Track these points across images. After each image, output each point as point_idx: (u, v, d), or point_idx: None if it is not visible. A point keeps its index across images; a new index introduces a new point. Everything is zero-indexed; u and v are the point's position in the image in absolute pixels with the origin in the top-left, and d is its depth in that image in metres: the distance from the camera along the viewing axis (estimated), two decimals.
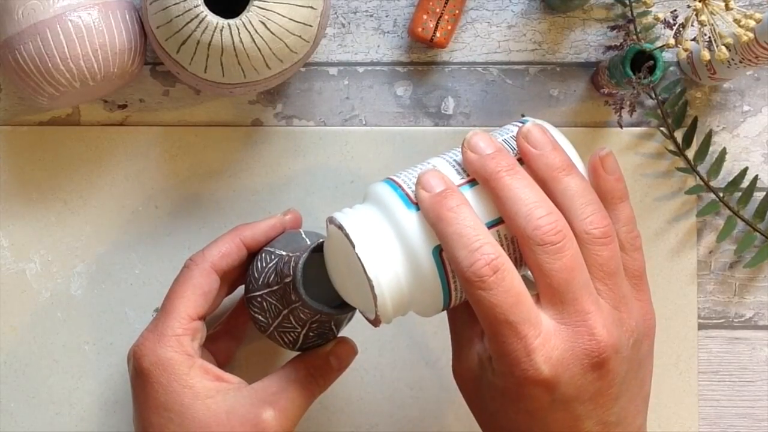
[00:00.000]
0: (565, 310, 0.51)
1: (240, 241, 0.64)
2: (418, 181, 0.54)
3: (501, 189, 0.53)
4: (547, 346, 0.51)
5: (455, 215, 0.52)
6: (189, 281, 0.62)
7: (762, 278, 0.74)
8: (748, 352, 0.74)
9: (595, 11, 0.74)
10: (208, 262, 0.63)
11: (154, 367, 0.60)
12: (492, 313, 0.50)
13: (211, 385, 0.60)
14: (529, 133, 0.55)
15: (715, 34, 0.60)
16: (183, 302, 0.61)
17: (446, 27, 0.72)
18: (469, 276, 0.50)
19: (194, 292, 0.62)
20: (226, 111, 0.73)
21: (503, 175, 0.53)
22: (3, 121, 0.73)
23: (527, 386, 0.51)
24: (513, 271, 0.51)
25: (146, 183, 0.73)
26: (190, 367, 0.60)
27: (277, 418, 0.59)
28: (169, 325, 0.61)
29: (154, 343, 0.60)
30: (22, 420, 0.73)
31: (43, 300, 0.73)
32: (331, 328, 0.63)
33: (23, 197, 0.73)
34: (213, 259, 0.63)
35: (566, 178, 0.54)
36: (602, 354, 0.51)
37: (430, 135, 0.73)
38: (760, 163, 0.74)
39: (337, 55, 0.74)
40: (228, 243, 0.64)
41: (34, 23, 0.64)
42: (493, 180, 0.53)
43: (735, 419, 0.74)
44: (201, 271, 0.63)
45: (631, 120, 0.72)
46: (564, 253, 0.51)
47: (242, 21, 0.61)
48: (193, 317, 0.61)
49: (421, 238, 0.54)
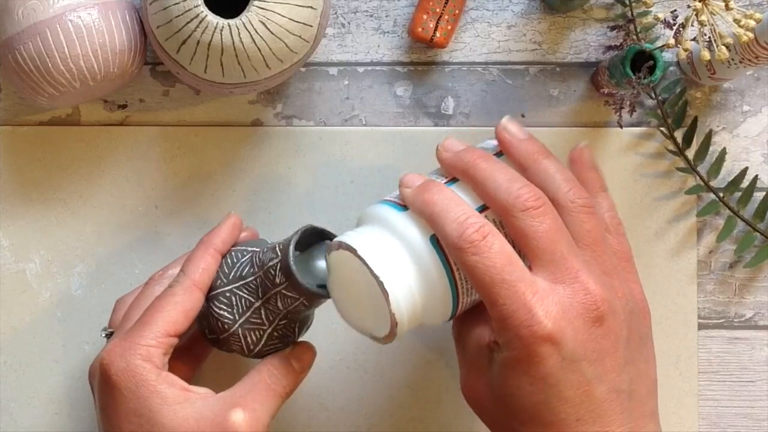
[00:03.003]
0: (557, 269, 0.53)
1: (215, 251, 0.63)
2: (401, 182, 0.57)
3: (479, 173, 0.56)
4: (546, 301, 0.52)
5: (438, 196, 0.55)
6: (172, 297, 0.60)
7: (762, 278, 0.74)
8: (748, 352, 0.74)
9: (595, 11, 0.74)
10: (190, 279, 0.61)
11: (123, 373, 0.58)
12: (487, 276, 0.52)
13: (179, 393, 0.59)
14: (508, 124, 0.60)
15: (715, 34, 0.60)
16: (162, 316, 0.60)
17: (446, 27, 0.72)
18: (461, 244, 0.53)
19: (175, 308, 0.60)
20: (226, 111, 0.73)
21: (479, 161, 0.57)
22: (3, 121, 0.73)
23: (535, 345, 0.52)
24: (501, 236, 0.54)
25: (146, 183, 0.73)
26: (156, 378, 0.59)
27: (247, 420, 0.58)
28: (143, 335, 0.59)
29: (124, 350, 0.59)
30: (22, 420, 0.73)
31: (43, 300, 0.73)
32: (294, 330, 0.62)
33: (23, 197, 0.73)
34: (194, 275, 0.61)
35: (545, 160, 0.58)
36: (600, 307, 0.53)
37: (430, 135, 0.73)
38: (760, 163, 0.74)
39: (337, 55, 0.74)
40: (205, 256, 0.62)
41: (34, 23, 0.64)
42: (471, 168, 0.57)
43: (735, 419, 0.74)
44: (184, 288, 0.61)
45: (631, 120, 0.72)
46: (547, 216, 0.54)
47: (242, 21, 0.61)
48: (170, 333, 0.60)
49: (416, 231, 0.56)
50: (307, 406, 0.73)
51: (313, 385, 0.73)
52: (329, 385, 0.73)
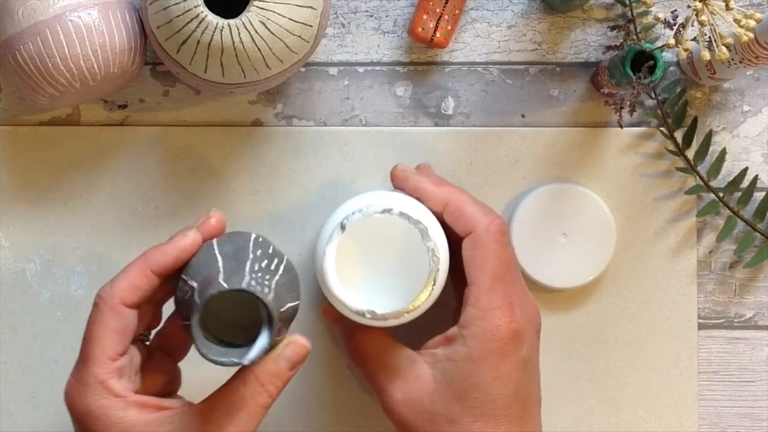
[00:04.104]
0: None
1: (148, 270, 0.59)
2: (400, 176, 0.67)
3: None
4: (518, 307, 0.62)
5: (459, 192, 0.66)
6: (100, 322, 0.58)
7: (762, 278, 0.74)
8: (748, 352, 0.74)
9: (595, 11, 0.74)
10: (116, 298, 0.58)
11: (87, 418, 0.57)
12: (503, 268, 0.62)
13: (152, 418, 0.57)
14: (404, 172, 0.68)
15: (715, 34, 0.60)
16: (98, 346, 0.57)
17: (446, 27, 0.72)
18: (493, 229, 0.63)
19: (107, 333, 0.58)
20: (226, 111, 0.73)
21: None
22: (3, 121, 0.73)
23: (506, 339, 0.61)
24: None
25: (146, 183, 0.73)
26: (124, 408, 0.57)
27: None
28: (91, 373, 0.57)
29: (81, 393, 0.57)
30: (22, 420, 0.73)
31: (43, 300, 0.73)
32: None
33: (23, 197, 0.73)
34: (121, 294, 0.58)
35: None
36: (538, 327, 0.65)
37: (430, 135, 0.73)
38: (760, 163, 0.74)
39: (337, 55, 0.74)
40: (135, 274, 0.59)
41: (34, 23, 0.64)
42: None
43: (735, 419, 0.74)
44: (110, 309, 0.58)
45: (631, 120, 0.72)
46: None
47: (242, 21, 0.61)
48: (113, 358, 0.58)
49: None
50: (307, 406, 0.73)
51: (313, 385, 0.73)
52: (329, 385, 0.73)
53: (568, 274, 0.72)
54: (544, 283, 0.72)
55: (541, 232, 0.72)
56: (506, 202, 0.73)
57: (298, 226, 0.73)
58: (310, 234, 0.73)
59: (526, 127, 0.73)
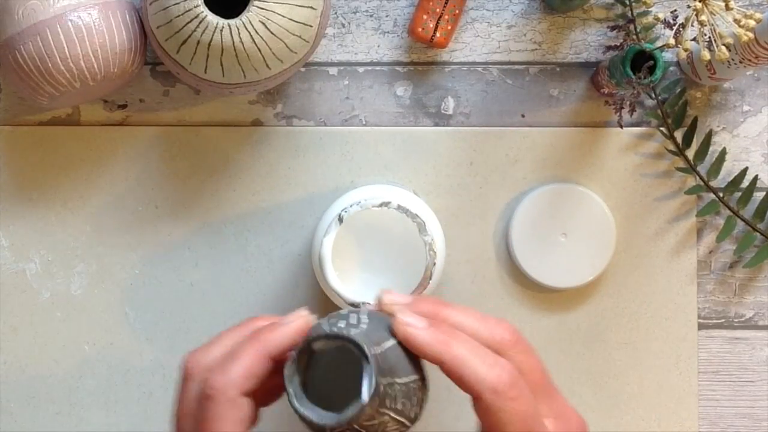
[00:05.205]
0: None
1: (267, 356, 0.52)
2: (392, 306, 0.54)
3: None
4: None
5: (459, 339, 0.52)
6: (222, 419, 0.51)
7: (762, 278, 0.74)
8: (748, 352, 0.74)
9: (595, 11, 0.74)
10: (235, 389, 0.51)
11: None
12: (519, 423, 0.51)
13: None
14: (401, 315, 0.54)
15: (715, 34, 0.60)
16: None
17: (446, 27, 0.72)
18: (502, 388, 0.51)
19: (227, 426, 0.51)
20: (226, 111, 0.73)
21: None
22: (3, 121, 0.73)
23: None
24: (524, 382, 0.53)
25: (146, 183, 0.73)
26: None
27: None
28: None
29: None
30: (22, 420, 0.73)
31: (43, 300, 0.73)
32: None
33: (23, 197, 0.73)
34: (239, 383, 0.51)
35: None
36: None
37: (430, 135, 0.73)
38: (760, 163, 0.74)
39: (337, 55, 0.74)
40: (251, 360, 0.52)
41: (34, 23, 0.64)
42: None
43: (735, 419, 0.74)
44: (231, 403, 0.51)
45: (631, 120, 0.72)
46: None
47: (242, 21, 0.61)
48: None
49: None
50: None
51: None
52: None
53: (568, 274, 0.72)
54: (544, 283, 0.72)
55: (541, 232, 0.72)
56: (506, 202, 0.73)
57: (298, 226, 0.73)
58: (310, 234, 0.73)
59: (526, 127, 0.73)
